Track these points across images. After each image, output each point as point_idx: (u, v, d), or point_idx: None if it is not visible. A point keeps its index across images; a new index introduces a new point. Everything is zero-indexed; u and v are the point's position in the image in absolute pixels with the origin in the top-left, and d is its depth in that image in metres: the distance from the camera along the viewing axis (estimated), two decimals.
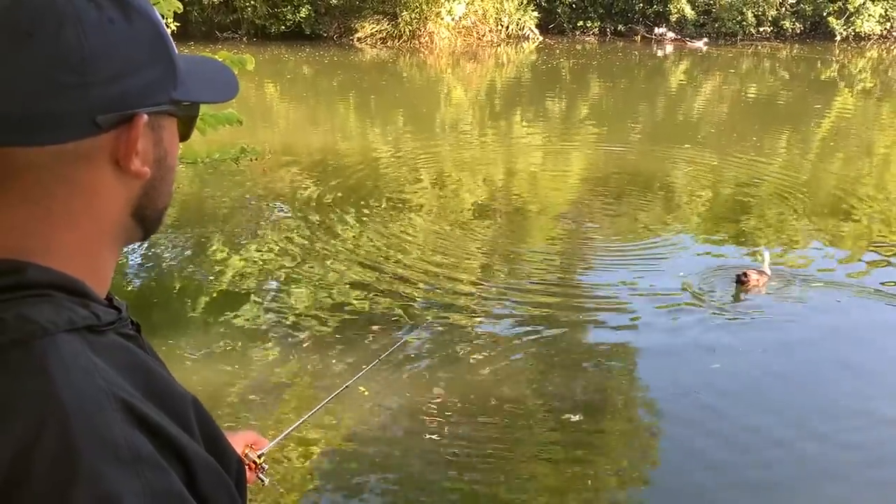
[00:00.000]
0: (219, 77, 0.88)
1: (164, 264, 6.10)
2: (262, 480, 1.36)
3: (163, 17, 4.84)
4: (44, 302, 0.71)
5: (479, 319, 5.03)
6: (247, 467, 1.31)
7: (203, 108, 1.13)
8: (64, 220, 0.75)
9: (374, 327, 4.91)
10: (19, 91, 0.70)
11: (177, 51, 0.80)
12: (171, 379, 0.79)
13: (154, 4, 4.13)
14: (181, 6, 4.92)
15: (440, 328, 4.89)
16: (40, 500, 0.63)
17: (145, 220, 0.82)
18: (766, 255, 5.82)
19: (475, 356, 4.57)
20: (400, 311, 5.13)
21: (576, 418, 3.98)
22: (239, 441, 1.33)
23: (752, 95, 13.79)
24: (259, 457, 1.35)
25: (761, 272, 5.60)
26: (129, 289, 5.64)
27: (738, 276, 5.59)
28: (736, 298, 5.49)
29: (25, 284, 0.71)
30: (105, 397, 0.67)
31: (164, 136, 0.79)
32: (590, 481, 3.63)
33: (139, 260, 6.12)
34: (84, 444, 0.64)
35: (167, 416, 0.73)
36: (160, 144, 0.78)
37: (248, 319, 5.06)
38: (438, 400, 4.09)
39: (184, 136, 0.85)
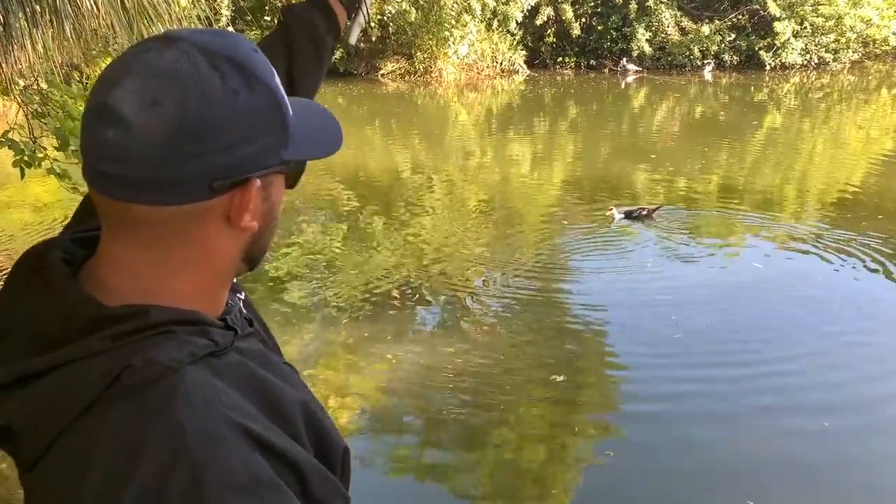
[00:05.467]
0: (326, 130, 0.75)
1: None
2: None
3: None
4: (167, 340, 0.63)
5: (481, 297, 5.01)
6: None
7: None
8: (180, 266, 0.67)
9: (396, 303, 4.91)
10: (144, 156, 0.61)
11: (288, 102, 0.69)
12: (282, 385, 0.71)
13: None
14: None
15: (450, 303, 4.88)
16: None
17: (253, 261, 0.73)
18: (614, 210, 6.39)
19: (479, 327, 4.55)
20: (417, 291, 5.12)
21: (560, 378, 3.96)
22: None
23: (699, 114, 13.68)
24: None
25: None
26: None
27: (643, 212, 6.33)
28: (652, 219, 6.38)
29: (150, 325, 0.63)
30: (226, 426, 0.61)
31: (273, 192, 0.69)
32: (577, 427, 3.61)
33: None
34: (210, 477, 0.58)
35: (280, 425, 0.67)
36: (268, 199, 0.69)
37: (298, 300, 5.06)
38: (451, 363, 4.08)
39: (291, 186, 0.74)
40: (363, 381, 3.94)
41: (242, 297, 0.82)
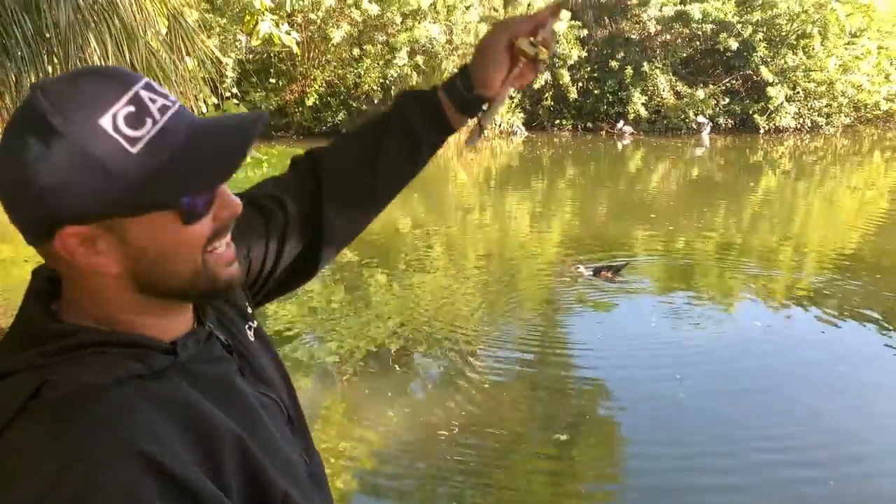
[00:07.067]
0: (212, 159, 0.70)
1: None
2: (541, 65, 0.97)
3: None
4: (96, 360, 0.68)
5: (481, 354, 4.98)
6: (529, 58, 0.96)
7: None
8: (88, 294, 0.72)
9: (395, 360, 4.87)
10: None
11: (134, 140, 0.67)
12: (220, 418, 0.71)
13: (226, 111, 4.22)
14: (247, 112, 4.99)
15: (450, 362, 4.85)
16: None
17: (164, 294, 0.74)
18: (581, 268, 6.49)
19: (478, 384, 4.51)
20: (417, 348, 5.09)
21: (563, 437, 3.91)
22: (500, 35, 0.97)
23: (696, 175, 13.85)
24: (532, 45, 0.94)
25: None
26: None
27: (610, 269, 6.48)
28: (621, 276, 6.48)
29: (80, 345, 0.69)
30: (125, 452, 0.62)
31: (133, 234, 0.69)
32: (581, 487, 3.55)
33: None
34: (91, 497, 0.59)
35: (200, 455, 0.67)
36: (127, 241, 0.69)
37: (295, 355, 5.03)
38: (451, 423, 4.03)
39: (186, 223, 0.70)
40: (362, 438, 3.88)
41: (254, 324, 0.88)
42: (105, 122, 0.66)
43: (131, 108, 0.67)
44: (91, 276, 0.71)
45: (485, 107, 1.02)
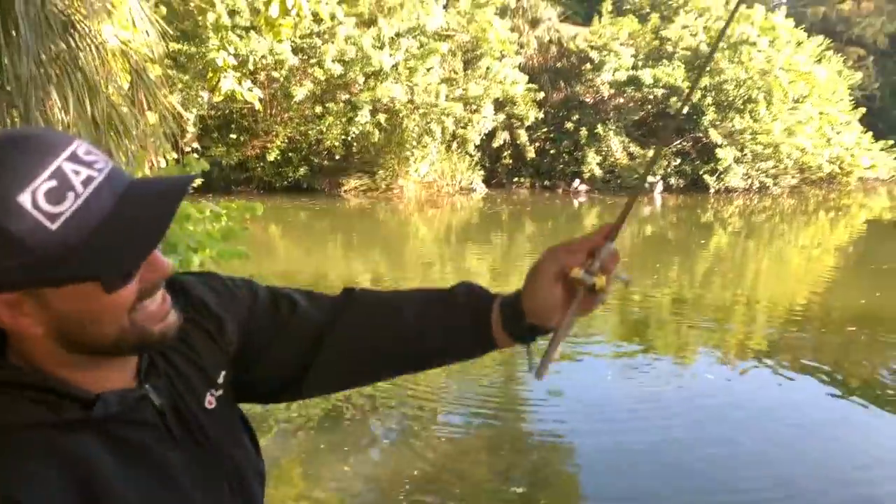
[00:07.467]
0: (133, 242, 0.70)
1: None
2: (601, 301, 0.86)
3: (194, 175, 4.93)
4: (2, 402, 0.70)
5: (439, 408, 4.96)
6: (586, 288, 0.88)
7: (220, 243, 1.08)
8: (23, 347, 0.74)
9: (352, 414, 4.82)
10: None
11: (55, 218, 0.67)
12: (118, 484, 0.71)
13: (186, 165, 4.14)
14: (208, 166, 5.00)
15: (407, 418, 4.82)
16: None
17: (97, 353, 0.74)
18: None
19: (435, 440, 4.49)
20: (374, 402, 5.05)
21: (520, 490, 3.89)
22: (548, 266, 0.92)
23: (649, 233, 14.18)
24: (589, 273, 0.87)
25: None
26: None
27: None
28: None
29: None
30: None
31: (55, 302, 0.70)
32: None
33: None
34: None
35: None
36: (50, 307, 0.70)
37: (250, 410, 4.93)
38: (407, 480, 3.99)
39: (108, 291, 0.71)
40: (319, 494, 3.81)
41: (217, 392, 0.87)
42: (24, 199, 0.65)
43: (52, 184, 0.66)
44: (20, 334, 0.72)
45: (544, 338, 0.95)
